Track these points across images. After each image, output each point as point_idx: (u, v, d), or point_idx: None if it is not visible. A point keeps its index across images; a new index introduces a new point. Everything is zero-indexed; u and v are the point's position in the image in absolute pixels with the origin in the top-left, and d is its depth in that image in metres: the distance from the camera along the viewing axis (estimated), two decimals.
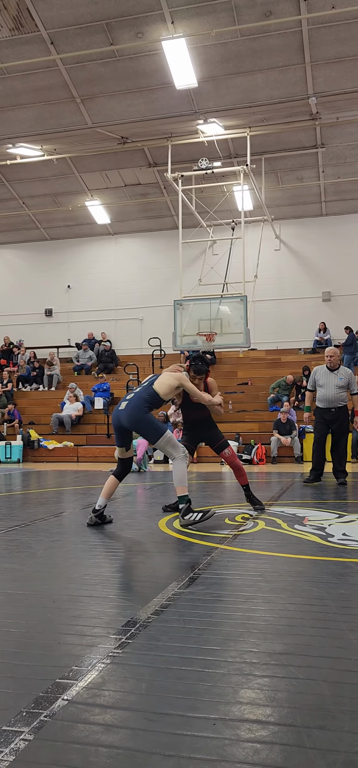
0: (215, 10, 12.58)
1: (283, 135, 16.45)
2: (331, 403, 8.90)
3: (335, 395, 8.88)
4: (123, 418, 5.57)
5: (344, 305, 19.27)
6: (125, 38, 13.34)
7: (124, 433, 5.72)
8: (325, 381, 8.95)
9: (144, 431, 5.59)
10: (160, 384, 5.68)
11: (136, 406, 5.52)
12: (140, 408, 5.51)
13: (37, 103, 15.18)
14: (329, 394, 8.89)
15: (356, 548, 4.68)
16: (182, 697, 2.25)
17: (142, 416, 5.49)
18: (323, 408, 9.02)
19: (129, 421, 5.54)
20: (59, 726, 2.04)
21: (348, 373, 9.00)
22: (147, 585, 3.86)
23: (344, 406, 9.02)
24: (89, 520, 5.81)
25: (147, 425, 5.53)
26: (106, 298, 21.38)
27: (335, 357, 9.01)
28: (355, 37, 12.96)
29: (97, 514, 5.79)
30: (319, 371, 9.11)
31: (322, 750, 1.89)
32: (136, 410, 5.50)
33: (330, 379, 8.91)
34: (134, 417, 5.50)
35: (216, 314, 14.96)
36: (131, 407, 5.53)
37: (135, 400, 5.57)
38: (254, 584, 3.76)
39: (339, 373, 8.92)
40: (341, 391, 8.88)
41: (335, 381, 8.88)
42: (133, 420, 5.52)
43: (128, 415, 5.52)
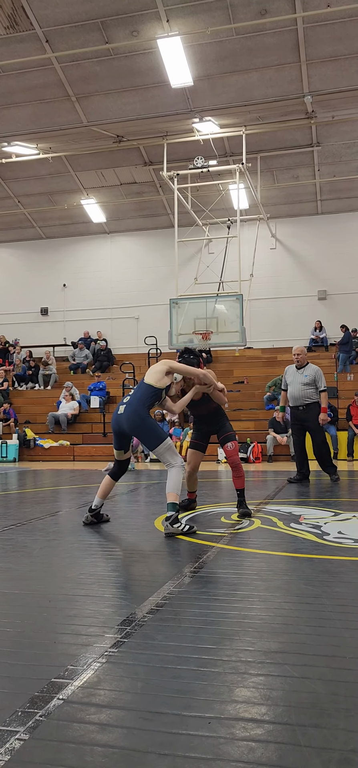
0: (210, 9, 12.57)
1: (278, 133, 16.45)
2: (297, 401, 8.95)
3: (300, 393, 8.89)
4: (123, 422, 5.45)
5: (340, 304, 19.30)
6: (120, 37, 13.32)
7: (124, 437, 5.62)
8: (292, 379, 9.03)
9: (144, 437, 5.49)
10: (150, 375, 5.54)
11: (135, 410, 5.39)
12: (140, 412, 5.37)
13: (33, 102, 15.15)
14: (295, 392, 8.95)
15: (352, 546, 4.69)
16: (177, 695, 2.25)
17: (142, 422, 5.37)
18: (292, 407, 9.12)
19: (129, 426, 5.43)
20: (54, 725, 2.05)
21: (315, 370, 8.98)
22: (143, 584, 3.87)
23: (313, 403, 8.94)
24: (85, 519, 5.80)
25: (147, 431, 5.41)
26: (102, 296, 21.36)
27: (302, 355, 9.04)
28: (350, 36, 12.97)
29: (93, 513, 5.77)
30: (288, 370, 9.19)
31: (317, 748, 1.90)
32: (136, 415, 5.37)
33: (296, 377, 8.98)
34: (134, 422, 5.38)
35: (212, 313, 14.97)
36: (131, 411, 5.40)
37: (134, 402, 5.44)
38: (249, 583, 3.76)
39: (305, 370, 8.95)
40: (307, 388, 8.87)
41: (301, 379, 8.91)
42: (132, 424, 5.40)
43: (128, 420, 5.40)
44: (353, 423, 14.32)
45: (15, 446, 15.86)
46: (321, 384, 8.93)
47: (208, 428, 6.32)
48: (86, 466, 13.75)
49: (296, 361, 9.03)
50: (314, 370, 8.98)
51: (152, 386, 5.47)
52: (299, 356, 9.02)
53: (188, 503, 6.55)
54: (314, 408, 8.93)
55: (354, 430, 14.24)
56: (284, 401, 9.38)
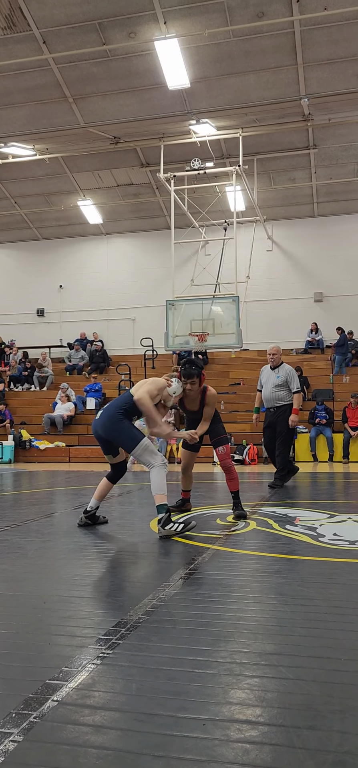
0: (207, 11, 12.59)
1: (275, 136, 16.49)
2: (269, 403, 8.61)
3: (271, 394, 8.53)
4: (99, 428, 5.42)
5: (336, 306, 19.33)
6: (118, 38, 13.33)
7: (106, 442, 5.55)
8: (266, 380, 8.67)
9: (119, 440, 5.41)
10: (137, 389, 5.46)
11: (110, 415, 5.36)
12: (114, 416, 5.33)
13: (30, 103, 15.14)
14: (267, 392, 8.59)
15: (347, 548, 4.70)
16: (172, 697, 2.25)
17: (116, 425, 5.31)
18: (265, 408, 8.76)
19: (104, 430, 5.39)
20: (49, 727, 2.04)
21: (287, 371, 8.60)
22: (138, 585, 3.86)
23: (285, 405, 8.55)
24: (80, 520, 5.77)
25: (121, 433, 5.32)
26: (99, 298, 21.35)
27: (278, 355, 8.66)
28: (347, 39, 13.00)
29: (88, 515, 5.73)
30: (264, 370, 8.82)
31: (311, 750, 1.90)
32: (110, 419, 5.34)
33: (270, 377, 8.61)
34: (108, 426, 5.34)
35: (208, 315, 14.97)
36: (106, 416, 5.38)
37: (109, 408, 5.43)
38: (244, 584, 3.76)
39: (279, 371, 8.57)
40: (279, 390, 8.50)
41: (273, 379, 8.54)
42: (107, 429, 5.36)
43: (103, 425, 5.38)
44: (349, 425, 14.34)
45: (10, 447, 15.83)
46: (294, 385, 8.53)
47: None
48: (82, 467, 13.74)
49: (270, 360, 8.64)
50: (286, 370, 8.60)
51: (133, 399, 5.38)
52: (274, 356, 8.63)
53: (181, 503, 6.47)
54: (285, 411, 8.54)
55: (350, 432, 14.27)
56: (259, 402, 8.96)
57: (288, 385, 8.52)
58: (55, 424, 16.77)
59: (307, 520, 5.96)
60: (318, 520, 5.92)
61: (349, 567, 4.14)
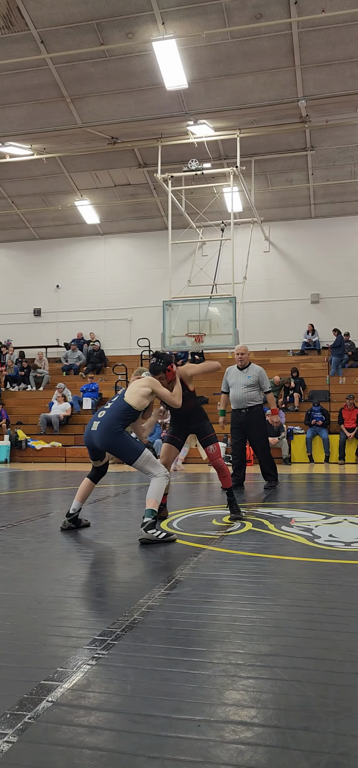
0: (205, 12, 12.59)
1: (273, 137, 16.50)
2: (240, 404, 8.31)
3: (243, 395, 8.26)
4: (96, 440, 5.22)
5: (333, 307, 19.36)
6: (116, 38, 13.32)
7: (97, 450, 5.40)
8: (234, 381, 8.36)
9: (120, 454, 5.18)
10: (131, 395, 5.29)
11: (108, 428, 5.14)
12: (113, 430, 5.12)
13: (27, 102, 15.13)
14: (237, 394, 8.30)
15: (343, 549, 4.70)
16: (166, 698, 2.25)
17: (115, 439, 5.11)
18: (234, 409, 8.50)
19: (102, 444, 5.21)
20: (43, 728, 2.04)
21: (258, 371, 8.38)
22: (133, 586, 3.86)
23: (256, 406, 8.38)
24: (63, 524, 5.57)
25: (123, 447, 5.14)
26: (95, 298, 21.33)
27: (246, 355, 8.42)
28: (345, 41, 13.02)
29: (71, 518, 5.55)
30: (230, 371, 8.52)
31: (306, 751, 1.90)
32: (109, 433, 5.12)
33: (239, 378, 8.32)
34: (107, 441, 5.15)
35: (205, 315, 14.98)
36: (104, 429, 5.15)
37: (107, 419, 5.19)
38: (240, 585, 3.77)
39: (248, 371, 8.32)
40: (250, 390, 8.27)
41: (244, 380, 8.28)
42: (106, 444, 5.17)
43: (101, 438, 5.17)
44: (345, 426, 14.36)
45: (6, 447, 15.80)
46: (266, 385, 8.36)
47: (186, 425, 6.03)
48: (78, 467, 13.72)
49: (238, 360, 8.34)
50: (257, 370, 8.37)
51: (131, 407, 5.25)
52: (242, 356, 8.35)
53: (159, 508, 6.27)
54: (257, 411, 8.37)
55: (346, 434, 14.28)
56: (224, 404, 8.64)
57: (259, 385, 8.35)
58: (52, 424, 16.75)
59: (303, 521, 5.97)
60: (314, 522, 5.93)
61: (345, 568, 4.14)
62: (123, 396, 5.34)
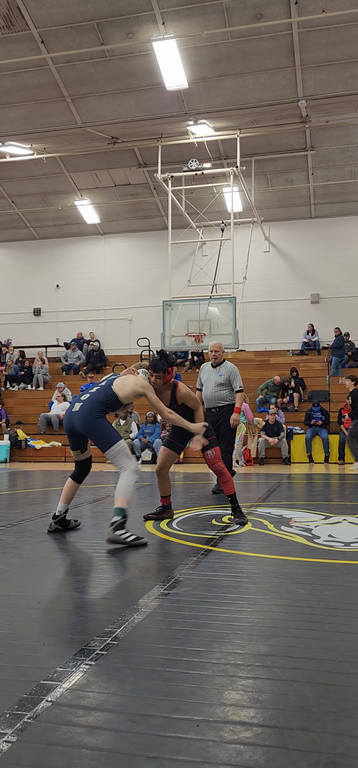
0: (205, 12, 12.60)
1: (273, 137, 16.51)
2: (210, 403, 8.01)
3: (213, 393, 7.95)
4: (76, 421, 5.09)
5: (333, 307, 19.36)
6: (116, 38, 13.33)
7: (77, 437, 5.27)
8: (207, 378, 8.09)
9: (95, 438, 5.08)
10: (122, 387, 5.20)
11: (90, 408, 5.05)
12: (94, 411, 5.03)
13: (27, 102, 15.13)
14: (208, 392, 8.01)
15: (342, 550, 4.71)
16: (166, 698, 2.25)
17: (94, 421, 5.02)
18: (206, 408, 8.23)
19: (82, 425, 5.07)
20: (42, 728, 2.04)
21: (230, 368, 8.07)
22: (133, 586, 3.86)
23: (227, 405, 8.06)
24: (49, 526, 5.45)
25: (99, 430, 5.04)
26: (95, 297, 21.34)
27: (220, 352, 8.11)
28: (345, 41, 13.03)
29: (57, 520, 5.45)
30: (204, 368, 8.26)
31: (304, 751, 1.90)
32: (90, 414, 5.03)
33: (211, 376, 8.05)
34: (87, 421, 5.03)
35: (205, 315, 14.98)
36: (85, 410, 5.05)
37: (90, 402, 5.09)
38: (239, 586, 3.77)
39: (220, 369, 8.02)
40: (221, 389, 7.96)
41: (215, 378, 8.00)
42: (85, 424, 5.05)
43: (81, 419, 5.05)
44: (345, 426, 14.36)
45: (6, 447, 15.80)
46: (237, 384, 8.06)
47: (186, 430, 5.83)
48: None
49: (212, 358, 8.04)
50: (229, 368, 8.06)
51: (117, 397, 5.16)
52: (216, 353, 8.04)
53: (162, 510, 6.11)
54: (228, 411, 8.01)
55: (346, 434, 14.28)
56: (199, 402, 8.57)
57: (231, 383, 8.07)
58: (51, 423, 16.75)
59: (302, 521, 5.97)
60: (313, 522, 5.93)
61: (344, 568, 4.15)
62: (111, 384, 5.23)
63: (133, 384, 5.27)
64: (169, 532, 5.46)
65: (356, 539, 5.09)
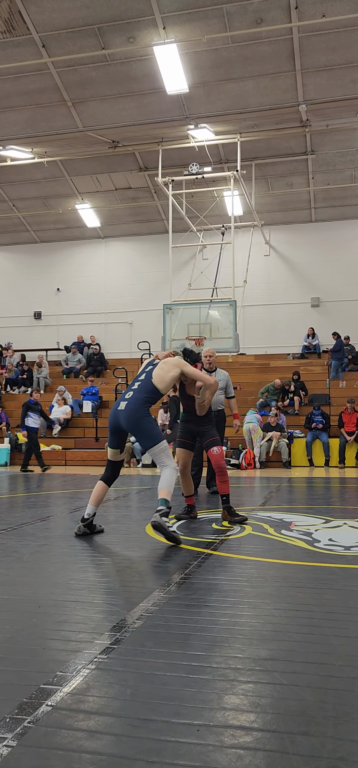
0: (206, 17, 12.63)
1: (273, 141, 16.53)
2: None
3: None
4: (122, 419, 5.25)
5: (333, 311, 19.38)
6: (117, 43, 13.36)
7: (121, 435, 5.42)
8: None
9: (141, 435, 5.29)
10: (161, 379, 5.38)
11: (135, 406, 5.23)
12: (139, 409, 5.22)
13: (28, 106, 15.16)
14: None
15: (342, 554, 4.70)
16: (166, 702, 2.25)
17: (142, 421, 5.22)
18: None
19: (128, 423, 5.23)
20: (43, 732, 2.04)
21: (226, 375, 8.34)
22: (133, 590, 3.86)
23: (222, 410, 8.33)
24: (77, 530, 5.47)
25: (146, 431, 5.24)
26: (96, 301, 21.36)
27: (214, 357, 8.21)
28: (345, 46, 13.06)
29: (86, 523, 5.47)
30: None
31: (305, 756, 1.90)
32: (136, 411, 5.21)
33: None
34: (133, 418, 5.20)
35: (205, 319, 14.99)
36: (131, 408, 5.23)
37: (134, 400, 5.27)
38: (240, 589, 3.77)
39: (216, 375, 8.16)
40: (220, 393, 8.14)
41: None
42: (132, 421, 5.22)
43: (128, 417, 5.22)
44: (345, 430, 14.36)
45: (6, 450, 15.80)
46: (230, 390, 8.31)
47: (196, 426, 6.12)
48: (78, 470, 13.72)
49: (207, 363, 8.04)
50: (226, 375, 8.31)
51: (158, 390, 5.35)
52: (211, 358, 8.12)
53: (189, 510, 6.31)
54: (221, 416, 8.21)
55: (346, 437, 14.29)
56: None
57: (225, 390, 8.24)
58: (52, 427, 16.74)
59: (302, 525, 5.97)
60: (314, 525, 5.93)
61: (344, 572, 4.15)
62: (150, 377, 5.41)
63: (170, 369, 5.49)
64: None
65: (356, 543, 5.09)
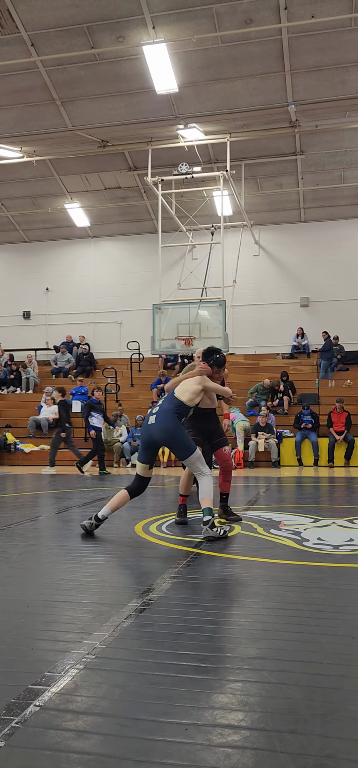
0: (196, 17, 12.63)
1: (262, 141, 16.57)
2: None
3: None
4: (155, 432, 5.31)
5: (322, 311, 19.45)
6: (106, 42, 13.33)
7: (153, 450, 5.45)
8: None
9: (175, 446, 5.40)
10: (183, 392, 5.47)
11: (167, 419, 5.29)
12: (169, 421, 5.29)
13: (17, 105, 15.08)
14: None
15: (331, 553, 4.72)
16: (154, 702, 2.25)
17: (175, 431, 5.28)
18: None
19: (161, 435, 5.29)
20: (31, 732, 2.03)
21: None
22: (122, 590, 3.86)
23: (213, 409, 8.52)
24: (89, 526, 5.45)
25: (180, 440, 5.33)
26: (85, 301, 21.30)
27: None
28: (334, 47, 13.11)
29: (98, 524, 5.47)
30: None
31: (292, 754, 1.91)
32: (168, 423, 5.28)
33: None
34: (166, 430, 5.27)
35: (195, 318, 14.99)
36: (162, 420, 5.29)
37: (163, 412, 5.34)
38: (228, 589, 3.77)
39: None
40: None
41: None
42: (164, 434, 5.29)
43: (160, 429, 5.28)
44: (334, 429, 14.42)
45: None
46: None
47: (206, 425, 6.17)
48: (67, 470, 13.69)
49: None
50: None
51: (183, 403, 5.42)
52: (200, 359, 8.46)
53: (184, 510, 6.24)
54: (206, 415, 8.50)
55: (335, 437, 14.35)
56: None
57: None
58: (41, 427, 16.69)
59: (291, 524, 5.99)
60: (303, 525, 5.95)
61: (332, 571, 4.16)
62: (174, 392, 5.53)
63: (191, 385, 5.57)
64: (158, 536, 5.46)
65: (344, 542, 5.12)
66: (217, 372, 5.93)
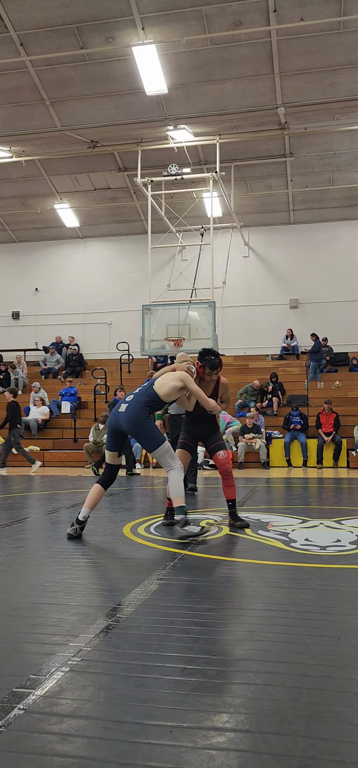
0: (185, 18, 12.64)
1: (252, 143, 16.61)
2: (180, 409, 8.30)
3: None
4: (122, 421, 5.24)
5: (311, 312, 19.52)
6: (96, 42, 13.31)
7: (120, 437, 5.38)
8: None
9: (142, 437, 5.29)
10: (162, 385, 5.35)
11: (136, 410, 5.22)
12: (139, 412, 5.21)
13: (6, 104, 15.02)
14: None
15: (318, 554, 4.74)
16: (140, 704, 2.25)
17: (142, 421, 5.20)
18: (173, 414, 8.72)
19: (128, 425, 5.22)
20: (14, 736, 2.02)
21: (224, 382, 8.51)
22: (109, 592, 3.85)
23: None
24: (74, 531, 5.37)
25: (145, 431, 5.24)
26: (75, 301, 21.25)
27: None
28: (323, 50, 13.16)
29: (81, 525, 5.40)
30: None
31: (277, 755, 1.91)
32: (136, 414, 5.20)
33: None
34: (134, 421, 5.19)
35: (184, 319, 15.00)
36: (131, 410, 5.23)
37: (135, 403, 5.26)
38: (215, 590, 3.78)
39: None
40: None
41: None
42: (132, 423, 5.20)
43: (128, 419, 5.21)
44: (323, 431, 14.47)
45: None
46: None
47: (200, 431, 6.03)
48: (56, 472, 13.64)
49: None
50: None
51: (159, 397, 5.32)
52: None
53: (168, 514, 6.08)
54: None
55: (324, 438, 14.39)
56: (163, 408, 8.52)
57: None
58: (30, 428, 16.62)
59: (279, 525, 6.00)
60: (291, 526, 5.97)
61: (319, 572, 4.18)
62: (153, 384, 5.42)
63: (171, 380, 5.42)
64: (146, 537, 5.45)
65: (332, 543, 5.14)
66: (209, 374, 5.85)
